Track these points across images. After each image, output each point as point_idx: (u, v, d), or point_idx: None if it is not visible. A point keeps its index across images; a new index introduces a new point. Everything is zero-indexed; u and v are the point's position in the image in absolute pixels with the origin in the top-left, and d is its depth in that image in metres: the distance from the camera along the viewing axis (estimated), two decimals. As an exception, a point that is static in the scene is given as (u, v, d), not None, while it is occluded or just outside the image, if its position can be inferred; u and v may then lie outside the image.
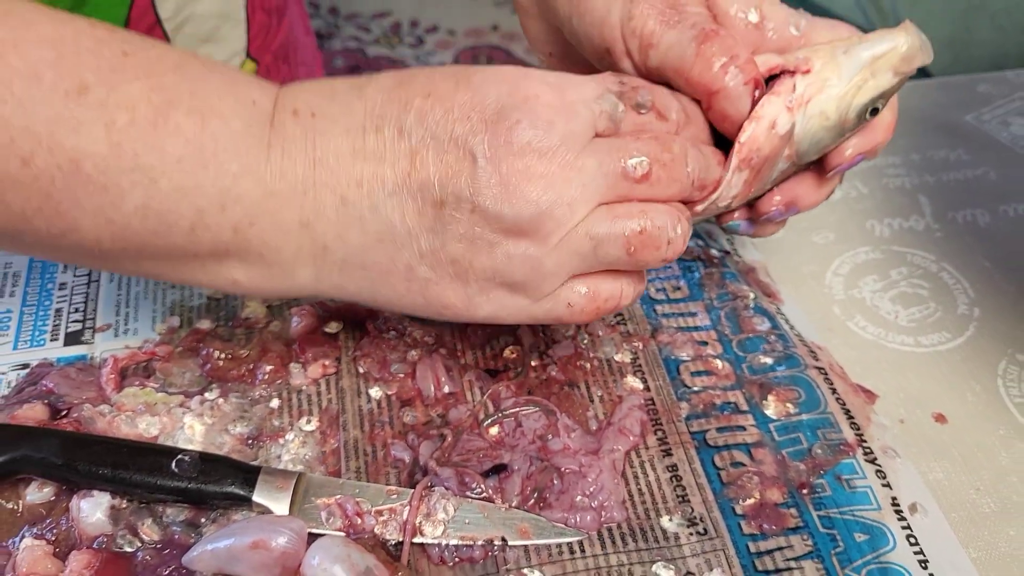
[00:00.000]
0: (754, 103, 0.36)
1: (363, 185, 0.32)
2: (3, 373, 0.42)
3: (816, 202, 0.42)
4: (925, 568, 0.37)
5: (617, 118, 0.34)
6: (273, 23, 0.60)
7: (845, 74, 0.37)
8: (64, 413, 0.38)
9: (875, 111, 0.38)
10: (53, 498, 0.36)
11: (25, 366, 0.43)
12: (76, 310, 0.45)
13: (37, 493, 0.36)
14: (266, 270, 0.34)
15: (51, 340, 0.44)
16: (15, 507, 0.36)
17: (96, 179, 0.30)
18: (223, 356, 0.41)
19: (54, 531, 0.35)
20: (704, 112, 0.37)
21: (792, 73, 0.37)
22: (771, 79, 0.37)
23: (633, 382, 0.42)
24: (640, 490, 0.38)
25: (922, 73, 1.20)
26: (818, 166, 0.41)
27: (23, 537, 0.35)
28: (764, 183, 0.39)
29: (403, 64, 1.86)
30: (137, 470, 0.35)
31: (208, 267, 0.33)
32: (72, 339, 0.44)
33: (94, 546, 0.34)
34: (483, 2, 2.00)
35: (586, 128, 0.33)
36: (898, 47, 0.37)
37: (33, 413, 0.38)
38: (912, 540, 0.37)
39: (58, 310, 0.46)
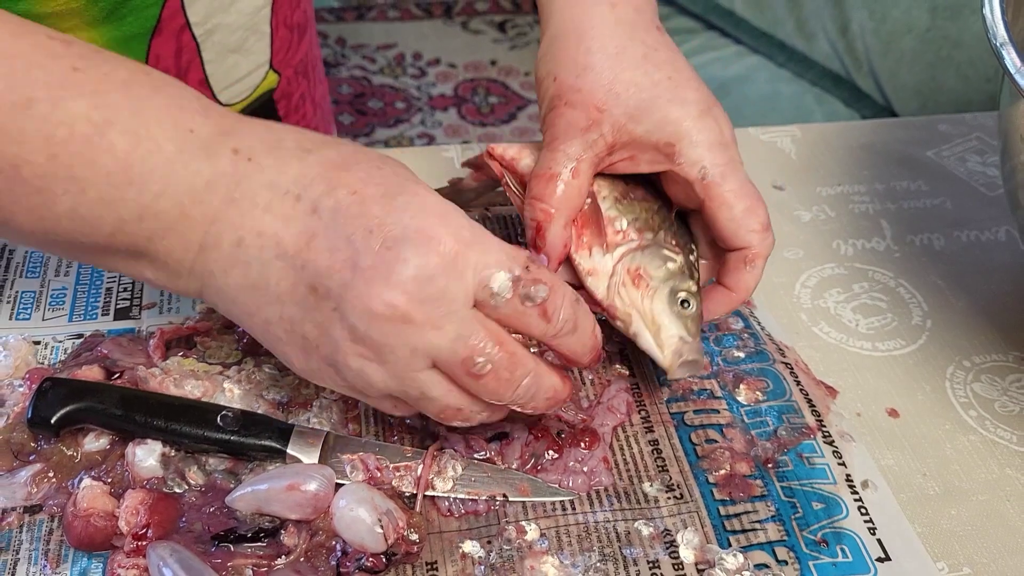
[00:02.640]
0: None
1: (262, 237, 0.35)
2: (60, 341, 0.47)
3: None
4: (874, 534, 0.42)
5: (497, 300, 0.35)
6: (295, 39, 0.65)
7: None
8: (117, 375, 0.43)
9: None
10: (108, 447, 0.41)
11: (79, 336, 0.47)
12: (124, 289, 0.51)
13: (94, 442, 0.41)
14: (169, 275, 0.37)
15: (102, 314, 0.49)
16: (74, 454, 0.40)
17: (32, 183, 0.33)
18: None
19: (109, 475, 0.40)
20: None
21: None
22: None
23: (621, 369, 0.48)
24: (625, 460, 0.44)
25: (889, 113, 1.26)
26: None
27: (81, 479, 0.39)
28: None
29: (406, 93, 1.93)
30: (187, 423, 0.40)
31: (128, 263, 0.37)
32: (121, 314, 0.49)
33: (146, 487, 0.39)
34: (483, 38, 2.09)
35: (464, 294, 0.34)
36: (660, 359, 0.43)
37: (91, 373, 0.43)
38: (863, 511, 0.43)
39: (108, 289, 0.51)
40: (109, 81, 0.34)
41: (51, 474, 0.40)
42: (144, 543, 0.37)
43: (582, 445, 0.43)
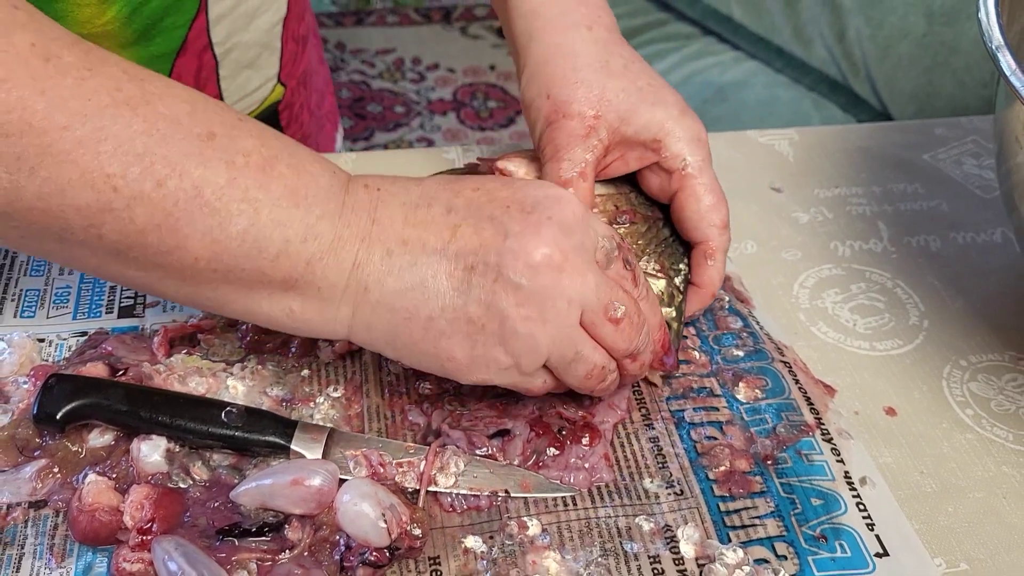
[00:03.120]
0: None
1: (407, 244, 0.39)
2: (64, 339, 0.48)
3: None
4: (872, 530, 0.42)
5: (611, 258, 0.40)
6: (299, 51, 0.66)
7: None
8: (121, 372, 0.43)
9: None
10: (113, 443, 0.41)
11: (83, 334, 0.48)
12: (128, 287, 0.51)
13: (99, 438, 0.41)
14: (319, 303, 0.39)
15: (106, 312, 0.50)
16: (79, 450, 0.41)
17: (212, 204, 0.36)
18: (260, 331, 0.46)
19: (114, 470, 0.40)
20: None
21: None
22: None
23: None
24: (626, 456, 0.44)
25: (886, 118, 1.27)
26: None
27: (86, 475, 0.40)
28: None
29: (405, 97, 1.94)
30: (191, 419, 0.40)
31: (274, 296, 0.39)
32: (125, 312, 0.50)
33: (151, 482, 0.39)
34: (482, 43, 2.10)
35: (592, 248, 0.40)
36: None
37: (95, 370, 0.43)
38: (861, 507, 0.43)
39: (112, 287, 0.51)
40: (266, 131, 0.39)
41: (56, 470, 0.40)
42: (149, 537, 0.37)
43: (583, 442, 0.43)
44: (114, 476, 0.40)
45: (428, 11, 2.18)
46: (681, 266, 0.49)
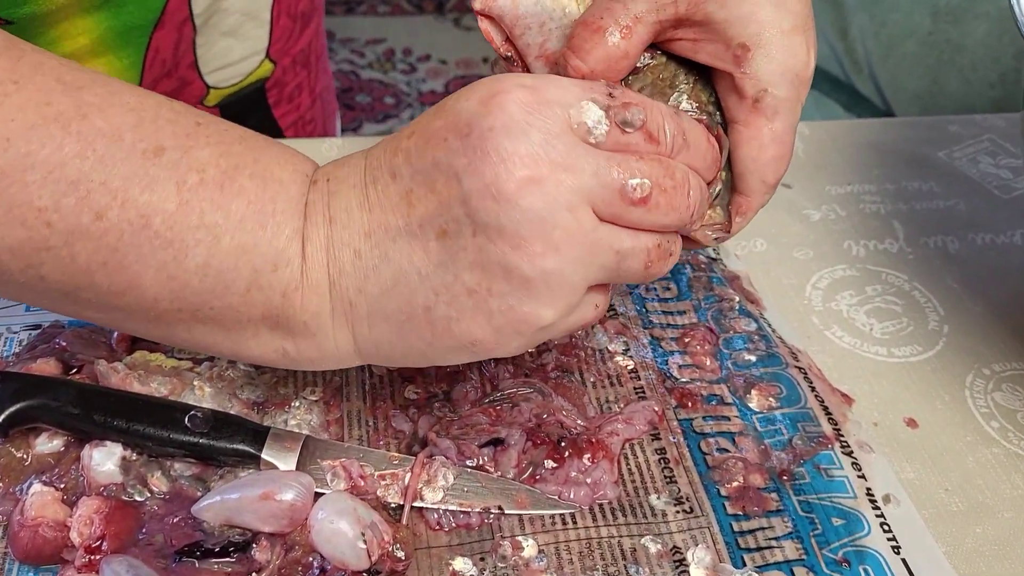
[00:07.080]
0: None
1: (372, 236, 0.33)
2: (15, 333, 0.44)
3: None
4: (898, 553, 0.39)
5: (597, 135, 0.32)
6: (296, 29, 0.63)
7: None
8: (76, 369, 0.39)
9: None
10: (62, 449, 0.37)
11: (37, 327, 0.44)
12: (88, 278, 0.47)
13: (47, 444, 0.37)
14: (312, 339, 0.34)
15: (63, 304, 0.45)
16: (24, 456, 0.37)
17: (163, 234, 0.32)
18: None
19: (63, 480, 0.36)
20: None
21: None
22: None
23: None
24: (630, 469, 0.40)
25: (889, 117, 1.24)
26: None
27: (31, 484, 0.36)
28: None
29: (395, 88, 1.90)
30: (151, 423, 0.36)
31: (261, 336, 0.34)
32: (83, 305, 0.45)
33: (103, 494, 0.35)
34: (475, 35, 2.07)
35: (564, 130, 0.31)
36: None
37: (47, 367, 0.39)
38: (885, 528, 0.40)
39: (70, 277, 0.47)
40: (228, 135, 0.34)
41: (-3, 478, 0.36)
42: (98, 557, 0.33)
43: (586, 459, 0.39)
44: (62, 486, 0.36)
45: (420, 2, 2.14)
46: (717, 113, 0.38)
